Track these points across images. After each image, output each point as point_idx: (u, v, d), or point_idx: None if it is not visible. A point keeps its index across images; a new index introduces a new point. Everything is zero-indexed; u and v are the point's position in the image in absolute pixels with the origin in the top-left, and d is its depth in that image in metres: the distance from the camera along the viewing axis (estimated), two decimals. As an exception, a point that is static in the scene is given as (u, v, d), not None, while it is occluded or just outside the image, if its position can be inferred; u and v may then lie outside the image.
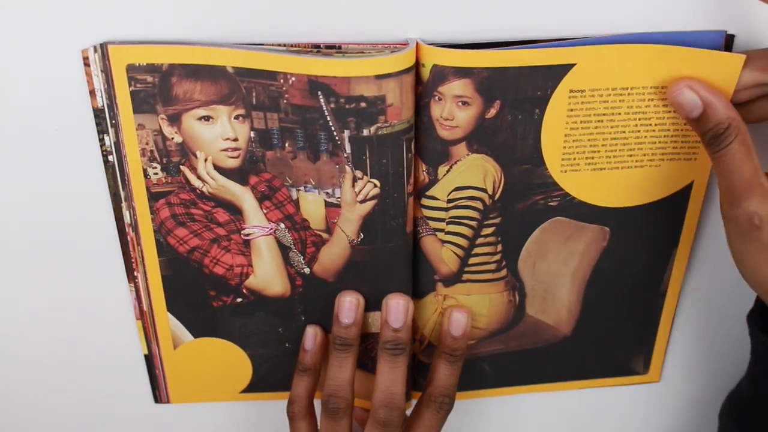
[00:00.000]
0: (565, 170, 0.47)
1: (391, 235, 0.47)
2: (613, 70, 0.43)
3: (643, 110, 0.45)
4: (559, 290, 0.52)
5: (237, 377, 0.53)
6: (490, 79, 0.43)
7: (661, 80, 0.44)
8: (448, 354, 0.49)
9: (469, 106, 0.44)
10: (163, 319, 0.50)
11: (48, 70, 0.42)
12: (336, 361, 0.48)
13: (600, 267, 0.52)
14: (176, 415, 0.56)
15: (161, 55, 0.41)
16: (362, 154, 0.44)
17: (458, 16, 0.42)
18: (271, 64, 0.41)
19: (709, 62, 0.42)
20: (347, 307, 0.48)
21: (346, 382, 0.48)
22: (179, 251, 0.47)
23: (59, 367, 0.53)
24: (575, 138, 0.46)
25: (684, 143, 0.46)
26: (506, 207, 0.48)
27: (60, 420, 0.56)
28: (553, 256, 0.51)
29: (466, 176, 0.46)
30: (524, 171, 0.47)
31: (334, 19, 0.42)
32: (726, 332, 0.58)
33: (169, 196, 0.46)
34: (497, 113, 0.44)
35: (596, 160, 0.47)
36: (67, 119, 0.44)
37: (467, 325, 0.50)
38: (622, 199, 0.49)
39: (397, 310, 0.48)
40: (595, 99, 0.44)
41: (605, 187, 0.48)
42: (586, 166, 0.47)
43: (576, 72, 0.43)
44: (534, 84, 0.43)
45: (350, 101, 0.42)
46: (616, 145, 0.46)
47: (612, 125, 0.45)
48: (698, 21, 0.44)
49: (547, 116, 0.45)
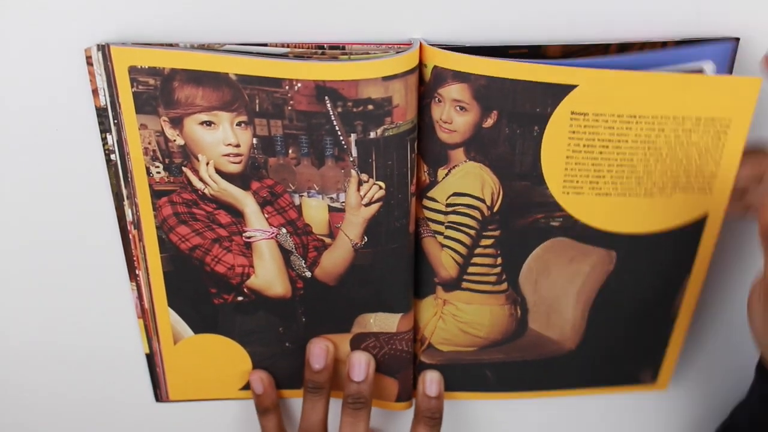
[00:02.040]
0: (567, 192, 0.46)
1: (394, 237, 0.46)
2: (617, 96, 0.42)
3: (653, 140, 0.43)
4: (563, 308, 0.52)
5: (236, 374, 0.54)
6: (487, 88, 0.42)
7: (672, 110, 0.42)
8: (427, 417, 0.52)
9: (467, 112, 0.43)
10: (164, 315, 0.50)
11: (51, 68, 0.41)
12: (309, 403, 0.51)
13: (607, 289, 0.50)
14: (177, 414, 0.56)
15: (163, 59, 0.40)
16: (368, 156, 0.43)
17: (461, 16, 0.42)
18: (276, 71, 0.40)
19: (725, 88, 0.41)
20: (317, 353, 0.51)
21: (320, 422, 0.51)
22: (181, 248, 0.47)
23: (60, 366, 0.54)
24: (578, 161, 0.44)
25: (698, 175, 0.45)
26: (506, 221, 0.47)
27: (60, 419, 0.56)
28: (556, 274, 0.50)
29: (465, 183, 0.46)
30: (524, 187, 0.46)
31: (338, 19, 0.41)
32: (736, 340, 0.57)
33: (172, 195, 0.45)
34: (494, 123, 0.43)
35: (601, 185, 0.45)
36: (70, 118, 0.43)
37: (441, 383, 0.52)
38: (629, 225, 0.47)
39: (360, 365, 0.51)
40: (599, 123, 0.43)
41: (611, 213, 0.46)
42: (590, 190, 0.45)
43: (578, 94, 0.42)
44: (532, 100, 0.42)
45: (358, 104, 0.41)
46: (623, 172, 0.45)
47: (618, 152, 0.44)
48: (702, 25, 0.43)
49: (547, 135, 0.43)
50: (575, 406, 0.60)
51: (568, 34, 0.42)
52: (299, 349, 0.52)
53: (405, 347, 0.52)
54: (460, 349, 0.53)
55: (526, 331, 0.53)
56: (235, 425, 0.57)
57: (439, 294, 0.50)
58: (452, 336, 0.52)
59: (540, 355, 0.54)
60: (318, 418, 0.51)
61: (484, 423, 0.60)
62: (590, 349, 0.53)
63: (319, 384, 0.51)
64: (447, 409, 0.54)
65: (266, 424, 0.53)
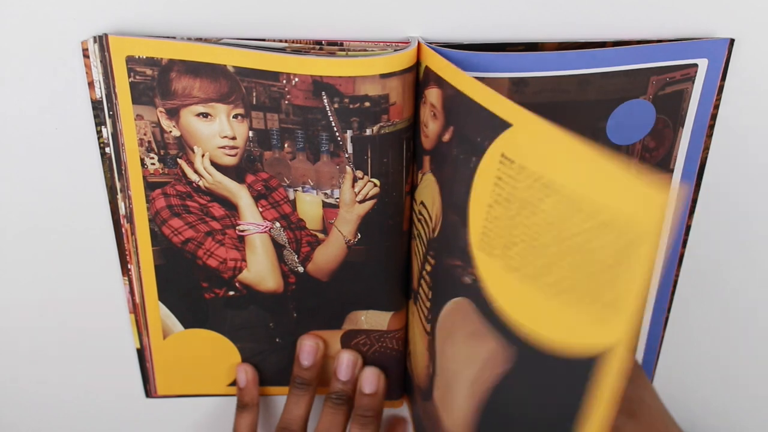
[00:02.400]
0: (482, 248, 0.37)
1: (388, 235, 0.46)
2: (543, 153, 0.33)
3: (565, 222, 0.32)
4: (456, 393, 0.42)
5: (225, 370, 0.53)
6: (451, 99, 0.38)
7: (592, 193, 0.31)
8: (359, 416, 0.51)
9: (436, 119, 0.41)
10: (154, 309, 0.50)
11: (46, 62, 0.41)
12: (293, 398, 0.51)
13: (501, 391, 0.39)
14: (167, 410, 0.56)
15: (161, 49, 0.40)
16: (364, 153, 0.43)
17: (460, 14, 0.42)
18: (274, 65, 0.40)
19: (635, 187, 0.29)
20: (307, 350, 0.51)
21: (301, 418, 0.51)
22: (173, 241, 0.47)
23: (51, 360, 0.53)
24: (497, 215, 0.36)
25: (607, 289, 0.31)
26: (438, 255, 0.42)
27: (50, 414, 0.56)
28: (458, 346, 0.41)
29: (426, 194, 0.44)
30: (454, 222, 0.39)
31: (336, 15, 0.41)
32: (718, 329, 0.57)
33: (166, 187, 0.45)
34: (449, 140, 0.39)
35: (512, 254, 0.35)
36: (64, 111, 0.43)
37: (380, 381, 0.52)
38: (534, 320, 0.35)
39: (347, 365, 0.51)
40: (521, 179, 0.34)
41: (518, 294, 0.35)
42: (501, 256, 0.36)
43: (511, 135, 0.34)
44: (475, 126, 0.37)
45: (354, 101, 0.41)
46: (534, 249, 0.34)
47: (532, 222, 0.34)
48: (698, 25, 0.43)
49: (479, 172, 0.37)
50: None
51: (565, 32, 0.43)
52: (289, 345, 0.52)
53: (395, 345, 0.52)
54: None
55: (431, 397, 0.46)
56: (224, 421, 0.57)
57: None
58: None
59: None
60: (300, 413, 0.51)
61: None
62: None
63: (306, 380, 0.51)
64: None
65: (240, 421, 0.52)
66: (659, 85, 0.44)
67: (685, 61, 0.43)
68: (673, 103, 0.45)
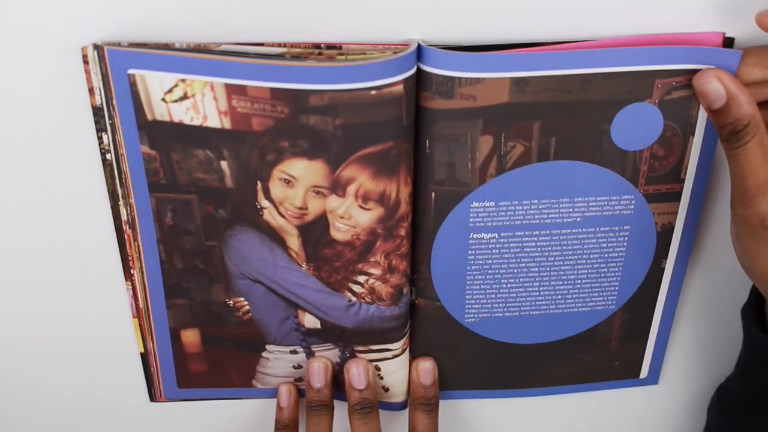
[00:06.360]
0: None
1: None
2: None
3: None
4: None
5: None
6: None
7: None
8: (423, 404, 0.52)
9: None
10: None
11: (47, 67, 0.41)
12: (314, 419, 0.51)
13: None
14: (171, 414, 0.56)
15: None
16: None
17: (459, 16, 0.41)
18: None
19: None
20: (317, 372, 0.51)
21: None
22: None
23: (55, 366, 0.53)
24: None
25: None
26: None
27: (55, 418, 0.56)
28: None
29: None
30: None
31: (335, 18, 0.41)
32: (724, 332, 0.57)
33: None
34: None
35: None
36: (65, 117, 0.43)
37: (434, 371, 0.52)
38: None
39: (359, 373, 0.51)
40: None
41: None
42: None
43: None
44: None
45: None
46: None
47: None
48: (698, 24, 0.42)
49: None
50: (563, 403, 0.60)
51: (565, 33, 0.42)
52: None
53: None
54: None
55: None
56: (229, 426, 0.57)
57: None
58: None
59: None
60: (323, 431, 0.51)
61: (476, 420, 0.60)
62: None
63: (323, 401, 0.51)
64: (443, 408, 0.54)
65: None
66: (665, 89, 0.43)
67: (692, 66, 0.42)
68: (681, 109, 0.44)
